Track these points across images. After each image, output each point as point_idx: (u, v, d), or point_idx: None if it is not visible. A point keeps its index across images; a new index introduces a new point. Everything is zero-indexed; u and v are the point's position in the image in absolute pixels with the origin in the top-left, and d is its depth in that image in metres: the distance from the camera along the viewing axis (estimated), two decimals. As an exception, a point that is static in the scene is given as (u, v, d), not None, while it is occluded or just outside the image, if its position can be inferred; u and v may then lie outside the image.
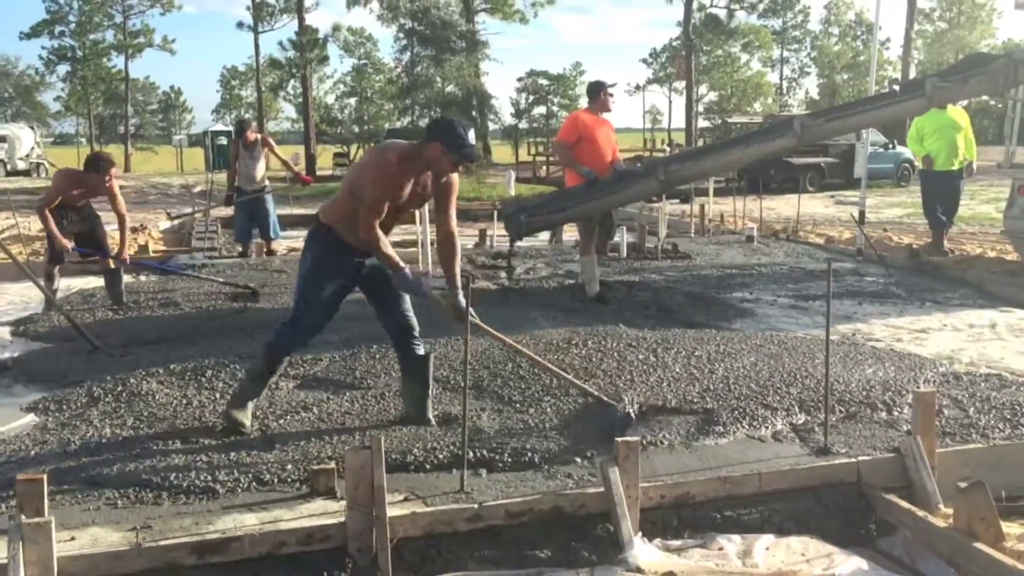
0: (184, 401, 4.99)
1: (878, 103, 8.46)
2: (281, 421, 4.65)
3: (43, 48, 56.15)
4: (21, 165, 40.28)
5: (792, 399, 4.95)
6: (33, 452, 4.28)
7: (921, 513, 3.84)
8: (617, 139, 8.25)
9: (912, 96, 8.17)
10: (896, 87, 9.49)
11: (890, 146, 25.20)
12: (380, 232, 4.32)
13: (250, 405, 4.57)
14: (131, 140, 56.90)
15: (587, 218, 7.92)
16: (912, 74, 38.30)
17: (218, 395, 5.08)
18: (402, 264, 4.38)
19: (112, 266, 7.71)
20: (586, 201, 7.75)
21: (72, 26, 54.22)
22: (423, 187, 4.45)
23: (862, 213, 11.14)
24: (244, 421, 4.49)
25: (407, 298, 4.66)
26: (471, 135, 4.43)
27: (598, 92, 7.95)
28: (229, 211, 11.61)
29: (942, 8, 58.20)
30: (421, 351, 4.70)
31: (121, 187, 8.34)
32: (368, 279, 4.59)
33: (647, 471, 3.92)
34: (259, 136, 11.10)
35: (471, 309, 4.30)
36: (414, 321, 4.70)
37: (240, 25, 47.26)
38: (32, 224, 12.64)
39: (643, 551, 3.58)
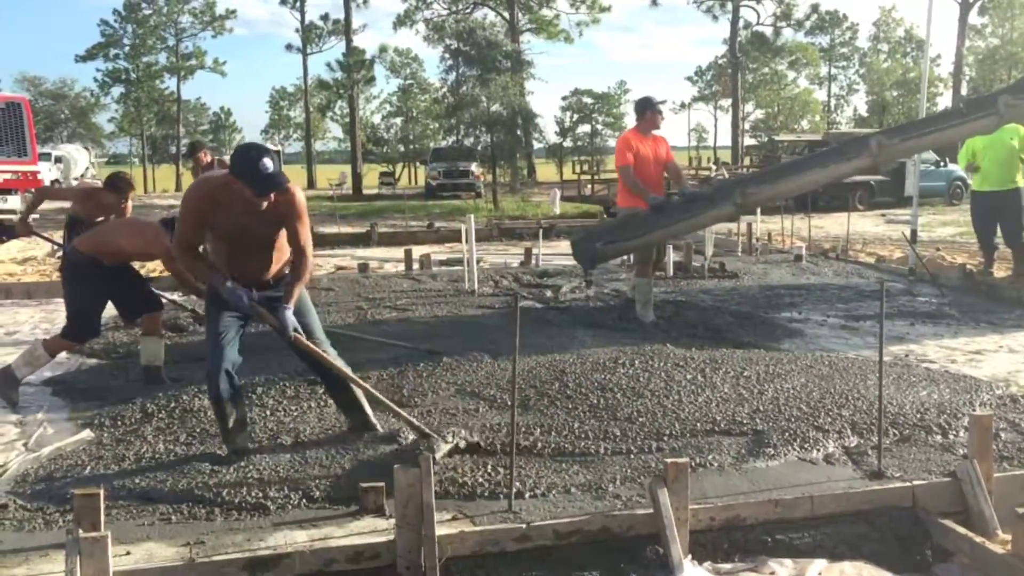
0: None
1: (951, 121, 8.16)
2: (330, 438, 4.68)
3: (98, 70, 57.86)
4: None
5: (844, 421, 4.87)
6: (89, 467, 4.37)
7: (979, 539, 3.75)
8: (673, 155, 8.12)
9: (985, 114, 7.88)
10: (962, 104, 9.27)
11: (942, 164, 24.82)
12: (189, 259, 4.42)
13: (239, 437, 4.51)
14: (182, 160, 57.96)
15: (662, 242, 7.80)
16: (964, 91, 37.71)
17: (268, 411, 5.14)
18: (222, 276, 4.34)
19: None
20: (662, 226, 7.57)
21: (126, 49, 55.68)
22: (263, 213, 4.26)
23: (914, 232, 10.95)
24: (243, 446, 4.50)
25: (314, 322, 4.65)
26: (266, 162, 4.13)
27: (644, 110, 7.88)
28: None
29: (994, 24, 57.27)
30: (335, 374, 4.65)
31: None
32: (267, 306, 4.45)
33: (697, 493, 3.89)
34: (214, 159, 10.24)
35: (295, 326, 4.35)
36: (323, 342, 4.66)
37: (289, 47, 48.40)
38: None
39: (693, 574, 3.54)
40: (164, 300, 7.95)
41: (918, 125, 8.46)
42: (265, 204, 4.22)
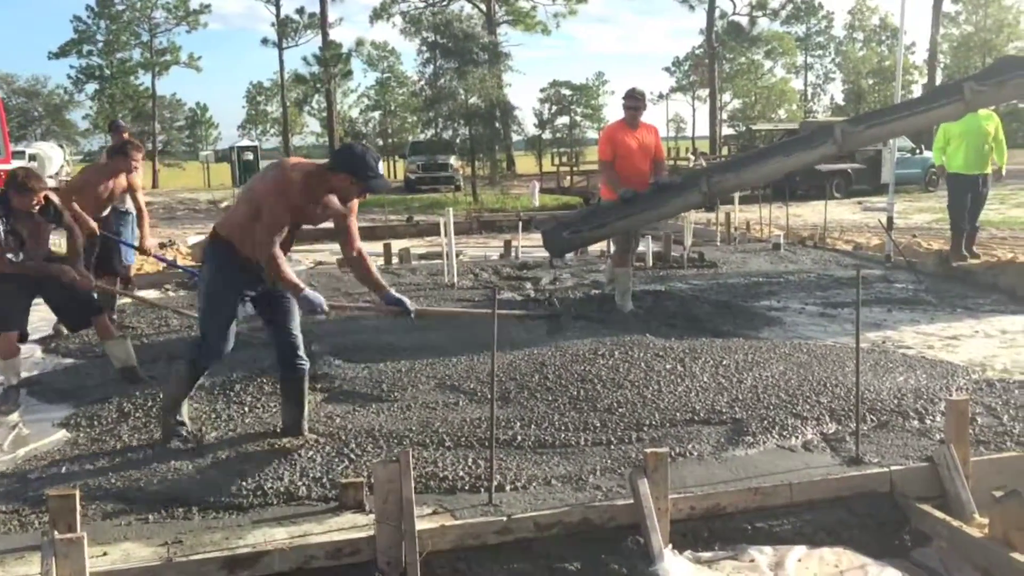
0: (213, 415, 5.02)
1: (916, 108, 8.30)
2: (309, 434, 4.65)
3: (71, 67, 57.18)
4: (51, 183, 40.76)
5: (822, 408, 4.90)
6: (64, 468, 4.33)
7: (956, 523, 3.78)
8: (662, 148, 8.05)
9: (950, 101, 8.00)
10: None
11: (917, 151, 24.98)
12: (279, 252, 4.25)
13: (184, 408, 4.65)
14: (158, 157, 57.57)
15: (628, 231, 7.81)
16: (939, 78, 37.97)
17: (247, 408, 5.11)
18: (302, 285, 4.32)
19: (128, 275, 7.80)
20: (628, 215, 7.60)
21: (100, 45, 55.10)
22: (323, 208, 4.39)
23: (890, 219, 11.03)
24: (183, 422, 4.60)
25: (297, 315, 4.63)
26: (380, 166, 4.40)
27: (622, 101, 7.86)
28: None
29: (967, 12, 57.71)
30: (303, 368, 4.65)
31: (149, 203, 8.40)
32: (265, 294, 4.52)
33: (676, 482, 3.89)
34: (131, 137, 9.69)
35: (404, 298, 4.57)
36: (300, 339, 4.67)
37: (265, 41, 48.04)
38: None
39: (674, 564, 3.55)
40: (143, 300, 7.91)
41: (883, 113, 8.58)
42: (348, 203, 4.44)
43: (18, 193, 5.47)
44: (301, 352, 4.65)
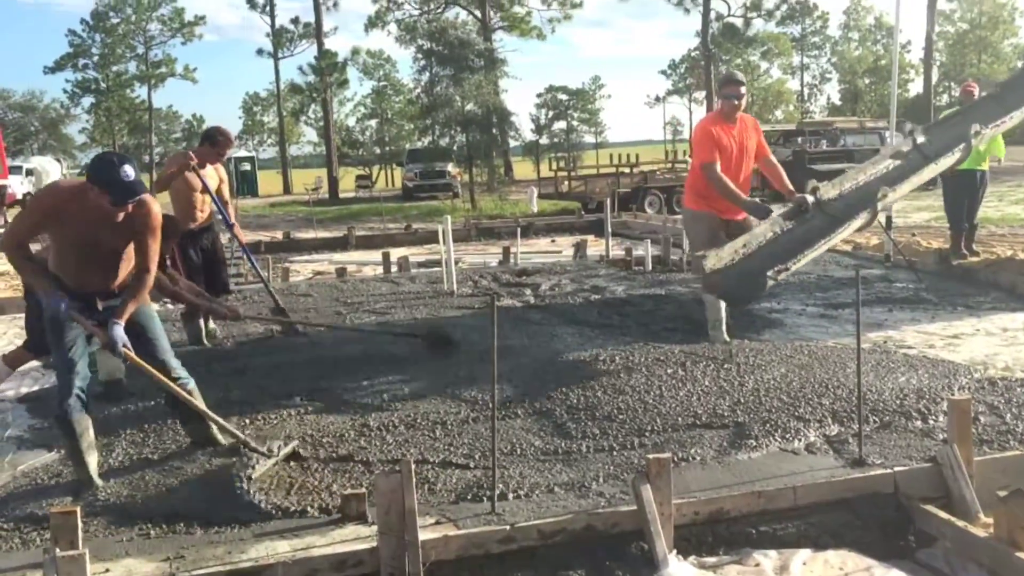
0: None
1: None
2: (311, 445, 4.64)
3: (67, 81, 57.21)
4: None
5: (824, 410, 4.89)
6: (65, 484, 4.31)
7: (960, 523, 3.77)
8: (765, 145, 6.88)
9: None
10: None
11: (915, 149, 24.98)
12: (19, 258, 4.18)
13: (91, 463, 4.29)
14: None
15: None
16: (935, 76, 37.99)
17: (247, 421, 5.10)
18: (45, 289, 4.17)
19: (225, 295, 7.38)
20: (822, 237, 6.37)
21: (95, 59, 55.19)
22: (116, 224, 4.13)
23: (889, 218, 11.00)
24: (91, 478, 4.26)
25: (162, 338, 4.52)
26: (127, 170, 4.01)
27: (719, 89, 6.81)
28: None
29: (963, 9, 57.85)
30: (185, 384, 4.53)
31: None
32: (129, 329, 4.27)
33: (680, 487, 3.88)
34: None
35: (125, 342, 4.14)
36: (173, 361, 4.54)
37: (260, 52, 48.16)
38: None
39: (678, 569, 3.53)
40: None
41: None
42: (122, 214, 4.09)
43: None
44: (177, 371, 4.51)
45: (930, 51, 41.18)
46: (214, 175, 7.18)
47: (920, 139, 7.68)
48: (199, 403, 4.56)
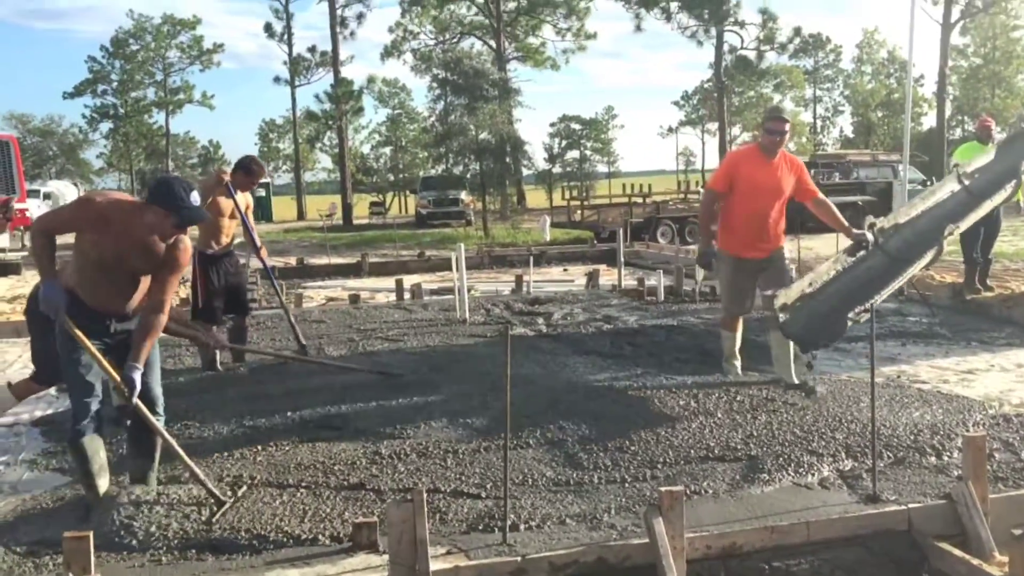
0: (225, 453, 5.02)
1: None
2: (323, 473, 4.64)
3: (86, 107, 57.83)
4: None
5: (838, 444, 4.86)
6: (77, 509, 4.31)
7: (976, 562, 3.73)
8: (813, 185, 6.45)
9: None
10: None
11: (928, 183, 24.97)
12: (43, 241, 4.19)
13: (101, 485, 4.32)
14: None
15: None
16: (948, 110, 38.02)
17: (259, 447, 5.10)
18: (50, 278, 4.17)
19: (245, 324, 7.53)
20: (897, 275, 6.29)
21: (114, 85, 55.84)
22: (149, 251, 4.22)
23: (902, 252, 10.98)
24: (100, 501, 4.27)
25: (157, 366, 4.50)
26: (194, 196, 4.20)
27: (764, 124, 6.42)
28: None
29: (976, 44, 57.94)
30: (161, 424, 4.47)
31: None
32: (121, 347, 4.31)
33: (692, 521, 3.86)
34: None
35: (136, 378, 4.13)
36: (158, 393, 4.50)
37: (277, 79, 48.46)
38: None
39: (690, 604, 3.51)
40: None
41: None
42: (168, 240, 4.21)
43: None
44: (158, 407, 4.48)
45: (943, 85, 41.23)
46: (242, 200, 7.31)
47: (965, 175, 7.67)
48: (178, 449, 4.43)
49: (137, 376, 4.15)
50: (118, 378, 4.14)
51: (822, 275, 6.31)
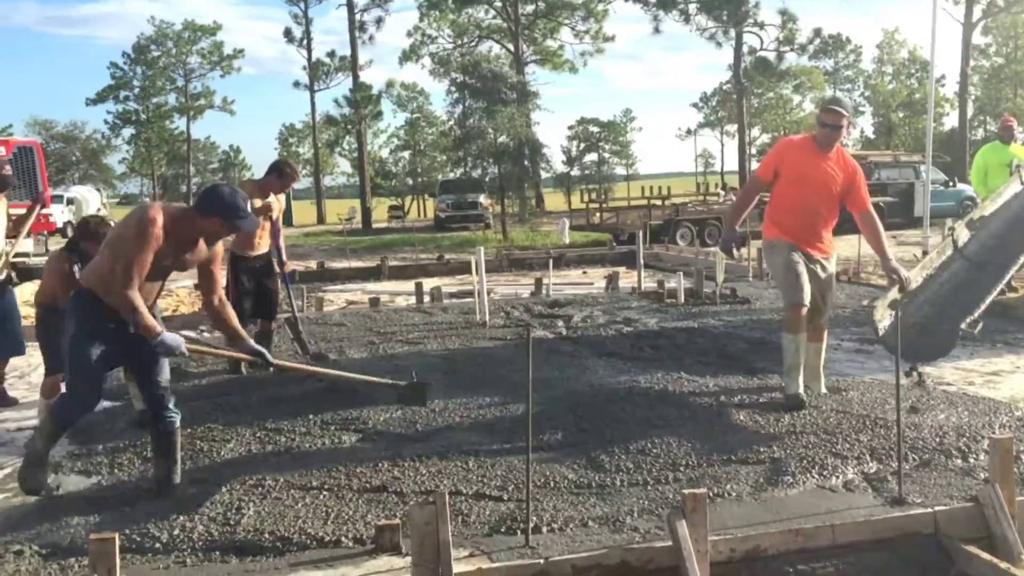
0: (248, 455, 5.04)
1: None
2: (345, 475, 4.65)
3: (108, 113, 58.34)
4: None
5: (863, 447, 4.83)
6: (100, 511, 4.34)
7: (1004, 565, 3.69)
8: (866, 198, 5.96)
9: None
10: None
11: (951, 184, 24.81)
12: (135, 295, 4.17)
13: (42, 471, 4.55)
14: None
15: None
16: (970, 110, 37.70)
17: (282, 449, 5.12)
18: (159, 328, 4.27)
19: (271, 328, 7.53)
20: (997, 278, 6.34)
21: (136, 91, 56.34)
22: (190, 253, 4.38)
23: (925, 253, 10.92)
24: (43, 481, 4.49)
25: (165, 368, 4.55)
26: (248, 205, 4.43)
27: (819, 115, 5.93)
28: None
29: (998, 44, 57.46)
30: (173, 421, 4.56)
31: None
32: (131, 347, 4.39)
33: (716, 524, 3.84)
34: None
35: (266, 351, 4.65)
36: (168, 392, 4.57)
37: (297, 84, 48.77)
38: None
39: (714, 607, 3.49)
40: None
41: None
42: (216, 242, 4.45)
43: (91, 240, 5.64)
44: (170, 405, 4.55)
45: (965, 85, 40.92)
46: (275, 204, 7.34)
47: None
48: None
49: (254, 346, 4.64)
50: (248, 357, 4.66)
51: (912, 282, 6.11)
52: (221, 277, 4.55)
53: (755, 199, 6.04)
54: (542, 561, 3.60)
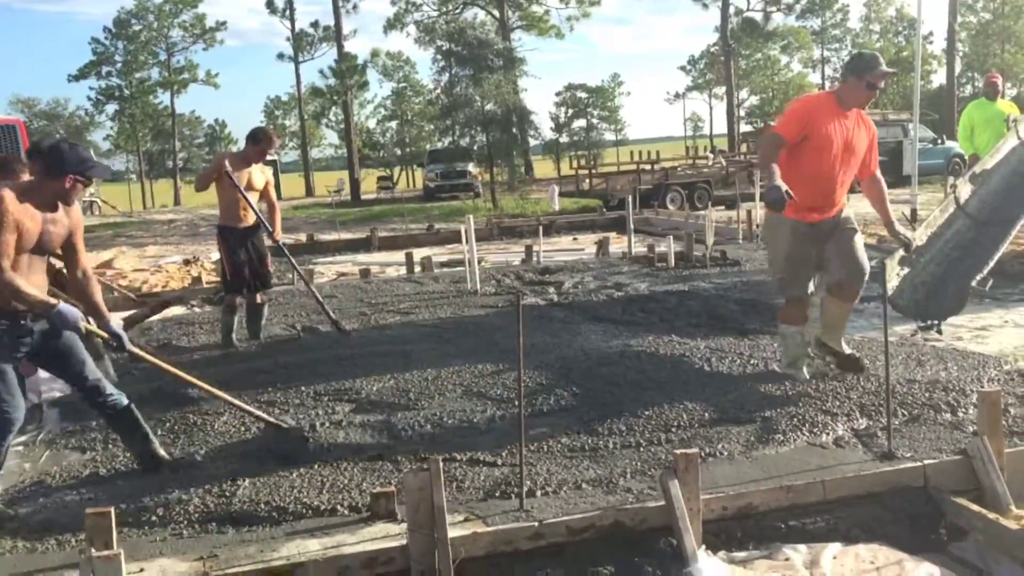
0: (243, 429, 5.05)
1: None
2: (340, 445, 4.67)
3: (91, 89, 57.60)
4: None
5: (852, 404, 4.87)
6: (98, 486, 4.36)
7: (992, 516, 3.74)
8: (875, 162, 5.50)
9: None
10: None
11: (939, 141, 24.80)
12: (16, 276, 3.95)
13: None
14: (180, 174, 58.04)
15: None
16: (958, 67, 37.60)
17: (274, 419, 5.13)
18: (52, 301, 4.07)
19: (260, 300, 7.49)
20: (965, 244, 6.33)
21: (118, 66, 55.59)
22: (56, 224, 4.14)
23: (914, 211, 10.97)
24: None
25: (84, 357, 4.36)
26: (91, 153, 4.30)
27: (849, 74, 5.34)
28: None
29: (985, -1, 57.19)
30: (118, 404, 4.43)
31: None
32: (45, 349, 4.22)
33: (707, 483, 3.88)
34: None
35: (125, 335, 4.35)
36: (100, 379, 4.42)
37: (281, 56, 48.33)
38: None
39: (707, 564, 3.53)
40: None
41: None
42: (72, 204, 4.20)
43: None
44: (109, 390, 4.42)
45: (952, 42, 40.81)
46: (260, 176, 7.31)
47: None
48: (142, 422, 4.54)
49: (116, 327, 4.34)
50: (105, 335, 4.31)
51: (916, 243, 6.07)
52: (84, 248, 4.36)
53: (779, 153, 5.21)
54: (537, 524, 3.64)
